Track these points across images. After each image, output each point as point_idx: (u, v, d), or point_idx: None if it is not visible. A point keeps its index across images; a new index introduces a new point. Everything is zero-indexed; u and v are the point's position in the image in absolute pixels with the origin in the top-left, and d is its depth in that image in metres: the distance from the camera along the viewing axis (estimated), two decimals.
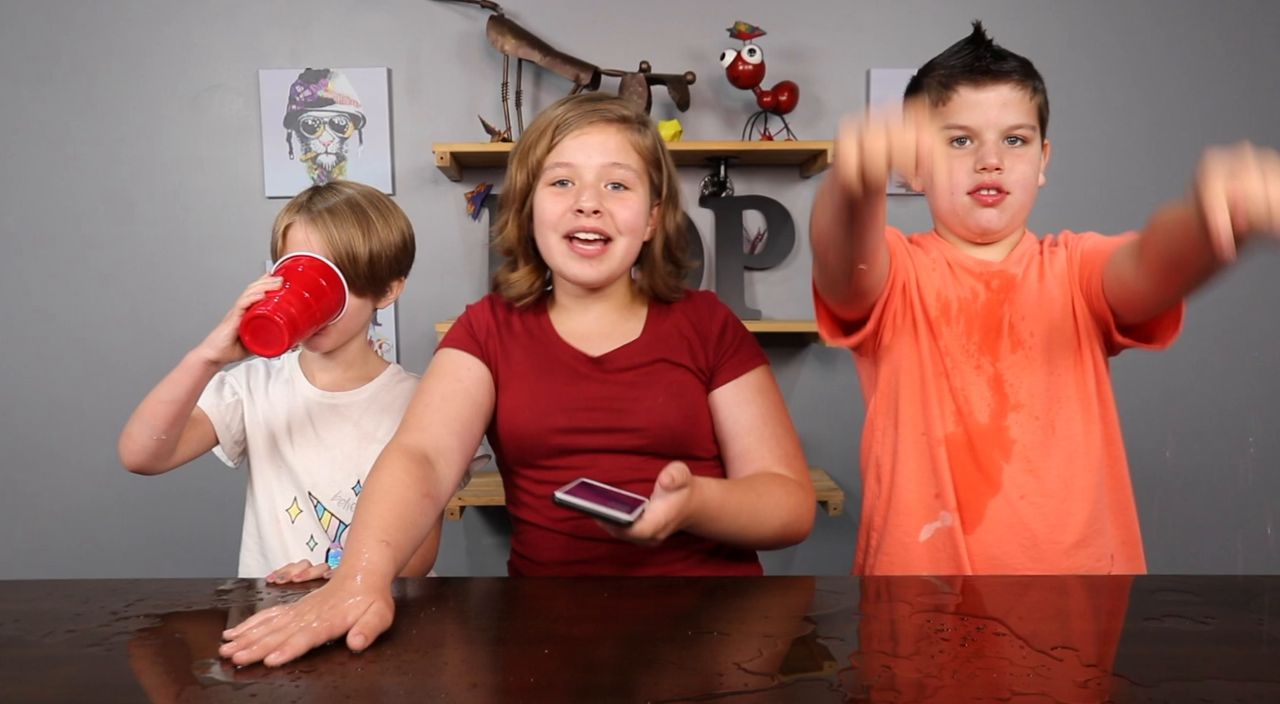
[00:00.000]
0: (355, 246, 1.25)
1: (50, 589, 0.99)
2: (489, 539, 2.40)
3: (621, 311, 1.25)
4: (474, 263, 2.33)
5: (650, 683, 0.74)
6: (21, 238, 2.30)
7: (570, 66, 2.18)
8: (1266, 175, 0.77)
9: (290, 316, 1.12)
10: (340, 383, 1.33)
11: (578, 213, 1.14)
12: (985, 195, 1.19)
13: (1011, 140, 1.19)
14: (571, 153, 1.16)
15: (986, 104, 1.18)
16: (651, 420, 1.17)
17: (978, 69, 1.19)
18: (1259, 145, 2.47)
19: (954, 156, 1.19)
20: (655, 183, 1.21)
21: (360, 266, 1.25)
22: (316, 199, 1.28)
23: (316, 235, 1.24)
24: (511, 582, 1.20)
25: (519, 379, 1.21)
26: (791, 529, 1.16)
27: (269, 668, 0.76)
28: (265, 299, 1.14)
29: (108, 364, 2.31)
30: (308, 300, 1.16)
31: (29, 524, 2.36)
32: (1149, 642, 0.84)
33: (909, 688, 0.73)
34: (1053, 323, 1.19)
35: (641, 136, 1.19)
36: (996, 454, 1.18)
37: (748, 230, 2.34)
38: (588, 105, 1.18)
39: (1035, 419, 1.18)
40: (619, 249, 1.18)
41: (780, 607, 0.99)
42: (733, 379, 1.21)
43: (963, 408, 1.19)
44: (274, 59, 2.30)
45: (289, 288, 1.15)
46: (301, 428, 1.31)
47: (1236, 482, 2.42)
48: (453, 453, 1.12)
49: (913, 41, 2.33)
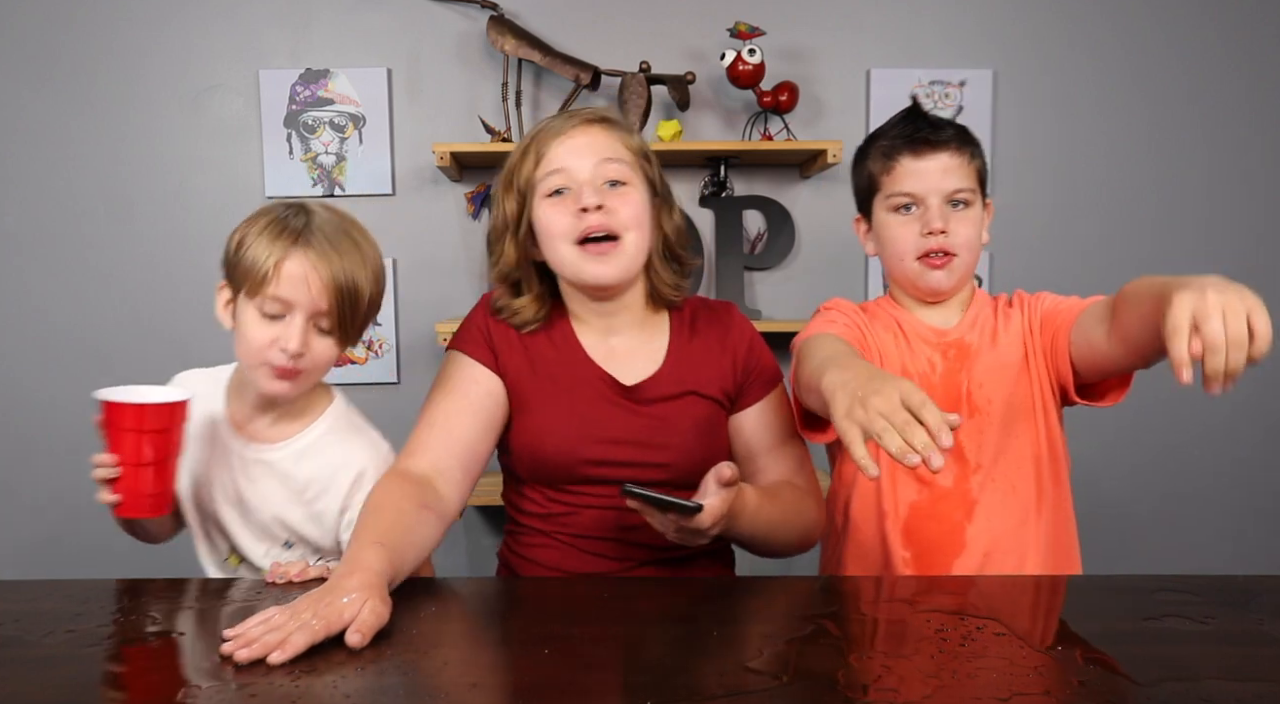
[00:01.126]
0: (358, 282, 1.09)
1: (50, 589, 0.99)
2: (489, 539, 2.40)
3: (642, 322, 1.23)
4: (474, 263, 2.33)
5: (650, 683, 0.74)
6: (21, 238, 2.30)
7: (570, 66, 2.18)
8: (1228, 322, 0.80)
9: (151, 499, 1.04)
10: (274, 434, 1.17)
11: (582, 212, 1.12)
12: (933, 258, 1.24)
13: (954, 204, 1.24)
14: (562, 158, 1.13)
15: (928, 171, 1.23)
16: (679, 456, 1.17)
17: (917, 139, 1.24)
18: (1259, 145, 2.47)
19: (901, 224, 1.25)
20: (650, 177, 1.19)
21: (360, 307, 1.11)
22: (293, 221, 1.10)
23: (315, 269, 1.07)
24: (511, 582, 1.20)
25: (546, 400, 1.18)
26: (808, 538, 1.19)
27: (269, 667, 0.76)
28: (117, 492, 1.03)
29: (108, 364, 2.31)
30: (156, 467, 1.03)
31: (28, 524, 2.36)
32: (1149, 642, 0.84)
33: (909, 688, 0.73)
34: (1009, 387, 1.24)
35: (627, 134, 1.18)
36: (960, 515, 1.22)
37: (748, 230, 2.34)
38: (564, 113, 1.18)
39: (994, 480, 1.23)
40: (630, 243, 1.14)
41: (780, 607, 0.99)
42: (755, 402, 1.23)
43: (925, 475, 1.22)
44: (274, 59, 2.30)
45: (128, 469, 1.02)
46: (223, 485, 1.17)
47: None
48: (453, 473, 1.12)
49: (913, 41, 2.33)
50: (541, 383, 1.19)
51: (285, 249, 1.07)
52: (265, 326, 1.08)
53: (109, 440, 1.03)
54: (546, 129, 1.16)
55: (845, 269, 2.35)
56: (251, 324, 1.09)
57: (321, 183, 2.30)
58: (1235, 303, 0.81)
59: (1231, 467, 2.41)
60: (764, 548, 1.16)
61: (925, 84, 2.32)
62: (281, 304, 1.07)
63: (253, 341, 1.08)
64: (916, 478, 1.23)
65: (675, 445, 1.17)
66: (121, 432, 1.02)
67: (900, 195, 1.24)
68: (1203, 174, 2.38)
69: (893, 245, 1.26)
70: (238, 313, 1.10)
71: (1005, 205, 2.27)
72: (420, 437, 1.14)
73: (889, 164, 1.25)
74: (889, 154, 1.25)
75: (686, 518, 0.99)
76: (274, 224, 1.10)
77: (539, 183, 1.14)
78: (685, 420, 1.18)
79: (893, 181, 1.25)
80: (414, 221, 2.32)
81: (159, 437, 1.03)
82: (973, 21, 2.34)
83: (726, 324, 1.25)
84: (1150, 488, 2.41)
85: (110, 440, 1.03)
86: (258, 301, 1.08)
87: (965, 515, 1.22)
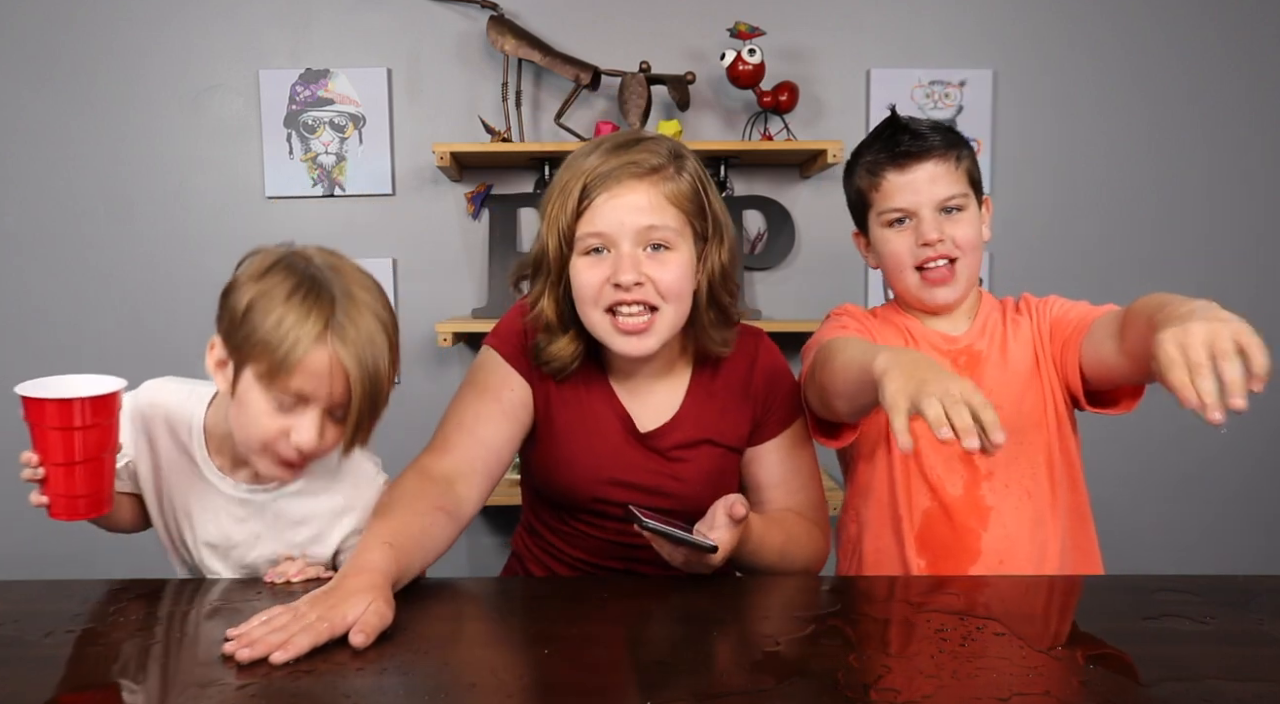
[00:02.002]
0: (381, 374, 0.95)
1: (50, 589, 0.99)
2: (489, 539, 2.40)
3: (671, 365, 1.19)
4: (474, 263, 2.33)
5: (650, 683, 0.74)
6: (21, 238, 2.30)
7: (570, 66, 2.18)
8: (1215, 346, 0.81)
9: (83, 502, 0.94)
10: (261, 478, 1.06)
11: (616, 287, 1.05)
12: (934, 273, 1.22)
13: (948, 210, 1.21)
14: (603, 219, 1.05)
15: (915, 183, 1.21)
16: (686, 503, 1.14)
17: (900, 152, 1.21)
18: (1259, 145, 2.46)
19: (896, 237, 1.23)
20: (699, 230, 1.10)
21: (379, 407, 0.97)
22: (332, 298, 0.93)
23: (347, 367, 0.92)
24: (511, 582, 1.20)
25: (566, 431, 1.16)
26: (807, 567, 1.17)
27: (271, 667, 0.76)
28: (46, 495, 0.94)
29: (107, 364, 2.29)
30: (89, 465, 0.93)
31: (27, 525, 2.36)
32: (1149, 642, 0.84)
33: (909, 688, 0.73)
34: (1019, 393, 1.22)
35: (677, 184, 1.07)
36: (974, 522, 1.21)
37: (748, 230, 2.34)
38: (617, 158, 1.06)
39: (1007, 486, 1.21)
40: (666, 319, 1.08)
41: (780, 607, 0.99)
42: (773, 437, 1.20)
43: (935, 483, 1.22)
44: (274, 59, 2.30)
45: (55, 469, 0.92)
46: (208, 522, 1.08)
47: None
48: (475, 476, 1.10)
49: (913, 41, 2.33)
50: (564, 410, 1.17)
51: (315, 336, 0.91)
52: (275, 416, 0.95)
53: (34, 439, 0.92)
54: (595, 174, 1.05)
55: (845, 269, 2.35)
56: (260, 411, 0.95)
57: (321, 183, 2.30)
58: (1221, 330, 0.81)
59: (1232, 466, 2.42)
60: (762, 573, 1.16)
61: (925, 84, 2.32)
62: (298, 399, 0.94)
63: (260, 429, 0.95)
64: (929, 485, 1.22)
65: (686, 494, 1.16)
66: (46, 429, 0.91)
67: (892, 211, 1.22)
68: (1203, 174, 2.38)
69: (891, 259, 1.25)
70: (240, 388, 0.95)
71: (1005, 205, 2.27)
72: (448, 434, 1.12)
73: (875, 180, 1.23)
74: (873, 170, 1.23)
75: (697, 553, 0.98)
76: (300, 298, 0.93)
77: (579, 239, 1.07)
78: (698, 469, 1.17)
79: (882, 197, 1.23)
80: (414, 221, 2.32)
81: (89, 433, 0.91)
82: (973, 21, 2.34)
83: (753, 359, 1.20)
84: (1150, 488, 2.41)
85: (36, 439, 0.92)
86: (272, 390, 0.93)
87: (979, 523, 1.21)
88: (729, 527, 0.99)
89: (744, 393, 1.19)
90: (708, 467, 1.17)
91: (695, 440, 1.17)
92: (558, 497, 1.19)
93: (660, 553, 1.01)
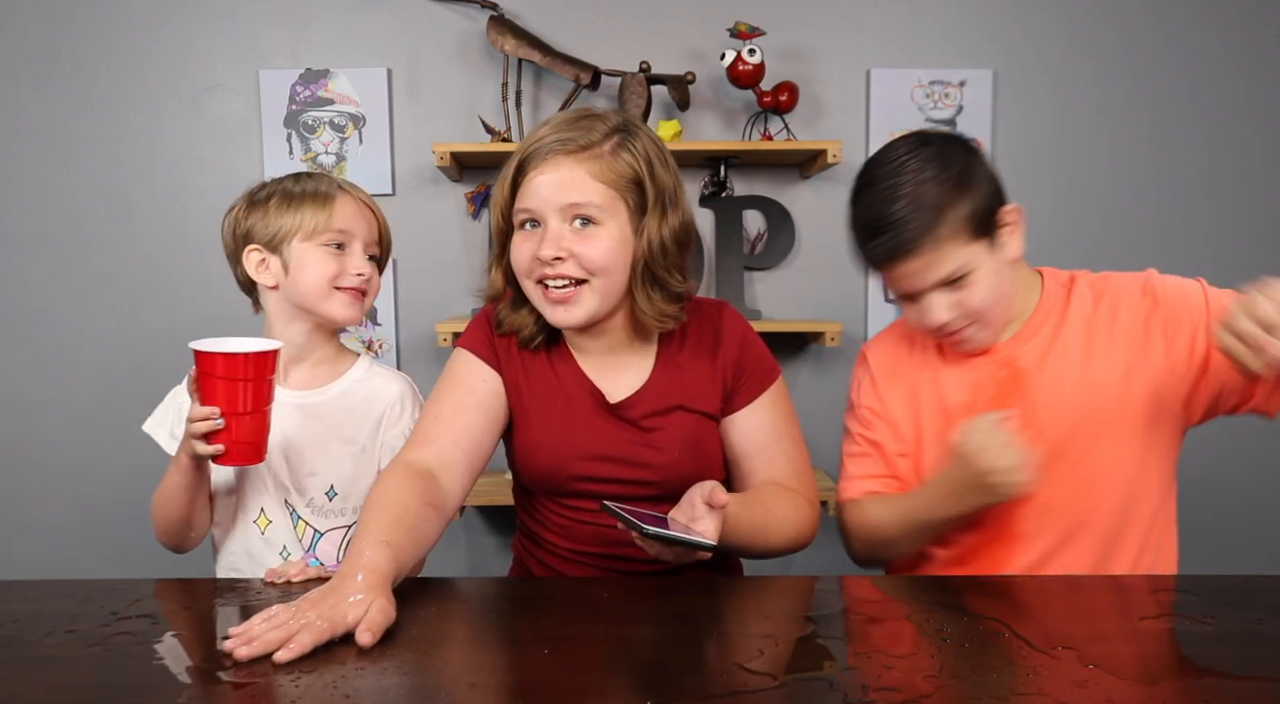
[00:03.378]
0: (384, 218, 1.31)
1: (50, 589, 0.99)
2: (489, 539, 2.40)
3: (630, 338, 1.19)
4: (474, 263, 2.33)
5: (650, 683, 0.74)
6: (21, 238, 2.30)
7: (570, 66, 2.18)
8: None
9: (252, 447, 1.08)
10: (309, 381, 1.28)
11: (540, 260, 1.09)
12: (954, 339, 1.18)
13: (949, 285, 1.14)
14: (532, 195, 1.09)
15: (910, 277, 1.14)
16: (667, 473, 1.15)
17: (888, 259, 1.13)
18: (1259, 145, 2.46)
19: (912, 311, 1.18)
20: (633, 205, 1.11)
21: (388, 243, 1.31)
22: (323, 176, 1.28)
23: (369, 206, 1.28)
24: (511, 582, 1.20)
25: (538, 412, 1.18)
26: (796, 543, 1.17)
27: (272, 666, 0.76)
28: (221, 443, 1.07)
29: (107, 364, 2.31)
30: (255, 413, 1.07)
31: (27, 526, 2.36)
32: (1149, 642, 0.84)
33: (909, 688, 0.73)
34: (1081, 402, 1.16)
35: (613, 160, 1.09)
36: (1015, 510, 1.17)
37: (748, 230, 2.35)
38: (555, 133, 1.10)
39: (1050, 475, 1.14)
40: (591, 293, 1.10)
41: (780, 607, 0.99)
42: (747, 404, 1.20)
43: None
44: (274, 59, 2.30)
45: (232, 418, 1.06)
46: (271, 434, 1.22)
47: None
48: (458, 467, 1.12)
49: (913, 41, 2.33)
50: (534, 392, 1.19)
51: (332, 191, 1.24)
52: (330, 260, 1.22)
53: (205, 391, 1.06)
54: (529, 150, 1.10)
55: (845, 269, 2.35)
56: (316, 261, 1.22)
57: None
58: None
59: (1232, 465, 2.41)
60: (745, 553, 1.16)
61: (925, 84, 2.32)
62: (344, 235, 1.23)
63: (321, 275, 1.22)
64: None
65: (662, 463, 1.16)
66: (218, 380, 1.05)
67: (901, 297, 1.19)
68: (1203, 174, 2.38)
69: (917, 324, 1.20)
70: (293, 259, 1.22)
71: None
72: (427, 427, 1.15)
73: (877, 271, 1.18)
74: (872, 265, 1.17)
75: (691, 552, 0.98)
76: (307, 177, 1.26)
77: (515, 214, 1.13)
78: (672, 436, 1.17)
79: (889, 281, 1.18)
80: (414, 221, 2.32)
81: (255, 385, 1.07)
82: (973, 21, 2.34)
83: (718, 329, 1.21)
84: None
85: (206, 391, 1.06)
86: (318, 239, 1.22)
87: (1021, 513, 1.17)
88: (710, 514, 0.99)
89: (711, 362, 1.19)
90: (683, 433, 1.17)
91: (666, 408, 1.17)
92: (540, 480, 1.19)
93: (648, 552, 1.00)
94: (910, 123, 2.31)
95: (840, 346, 2.22)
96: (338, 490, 1.26)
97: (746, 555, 1.18)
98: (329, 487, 1.26)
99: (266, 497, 1.25)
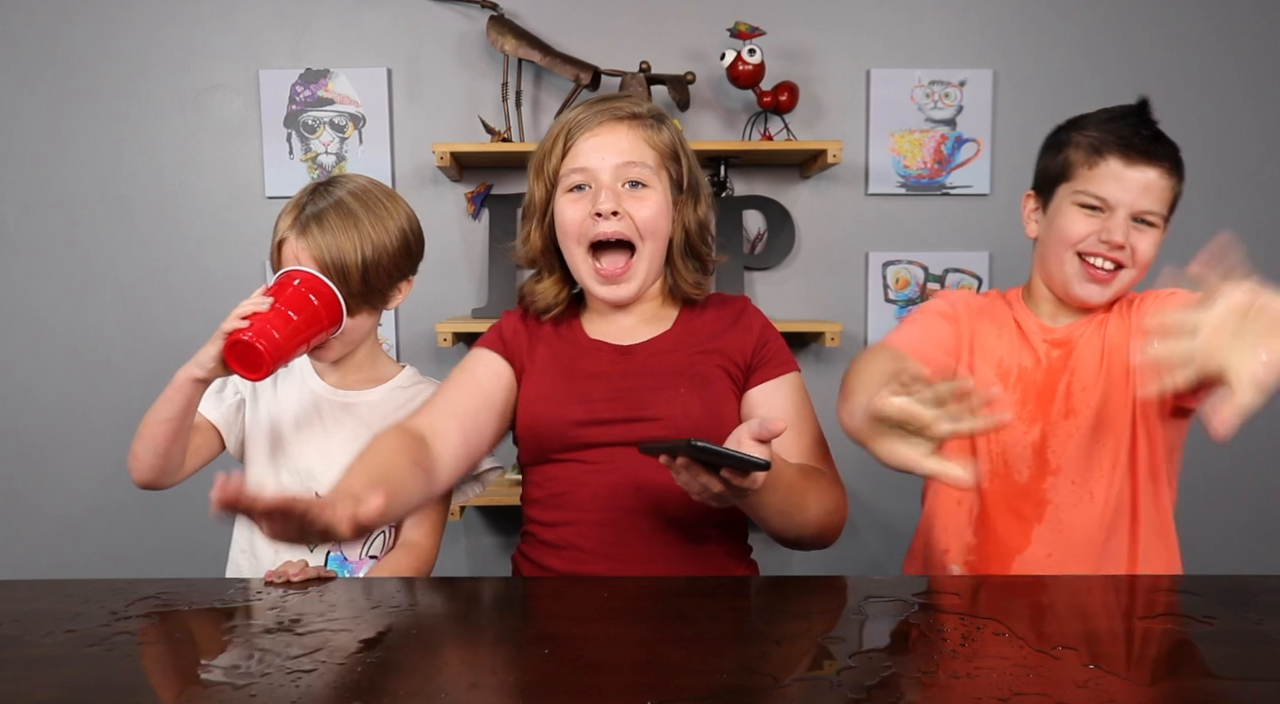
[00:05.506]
0: (345, 258, 1.18)
1: (50, 589, 0.99)
2: (489, 539, 2.40)
3: (653, 314, 1.24)
4: (474, 263, 2.33)
5: (650, 683, 0.74)
6: (21, 238, 2.30)
7: (570, 66, 2.18)
8: None
9: (273, 342, 1.08)
10: (348, 384, 1.30)
11: (596, 216, 1.12)
12: (1097, 270, 1.17)
13: (1140, 220, 1.17)
14: (585, 156, 1.14)
15: (1131, 182, 1.16)
16: (672, 410, 1.13)
17: (1134, 146, 1.16)
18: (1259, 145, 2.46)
19: (1083, 220, 1.17)
20: (674, 177, 1.19)
21: (352, 280, 1.19)
22: (308, 205, 1.22)
23: (304, 250, 1.18)
24: (511, 582, 1.20)
25: (541, 373, 1.20)
26: (829, 523, 1.11)
27: (270, 666, 0.76)
28: (251, 322, 1.09)
29: (107, 364, 2.31)
30: (295, 323, 1.10)
31: (27, 526, 2.36)
32: (1149, 642, 0.84)
33: (909, 688, 0.73)
34: (1110, 391, 1.18)
35: (656, 132, 1.17)
36: (1029, 513, 1.19)
37: (748, 230, 2.35)
38: (599, 106, 1.17)
39: (1072, 483, 1.18)
40: (643, 263, 1.16)
41: (780, 607, 0.99)
42: (769, 380, 1.19)
43: (999, 469, 1.20)
44: (274, 59, 2.30)
45: (275, 309, 1.10)
46: (309, 424, 1.28)
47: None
48: (450, 435, 1.12)
49: (913, 41, 2.33)
50: (539, 361, 1.21)
51: (285, 231, 1.21)
52: None
53: (275, 291, 1.12)
54: (577, 121, 1.16)
55: (845, 269, 2.35)
56: None
57: (323, 178, 2.30)
58: None
59: (1232, 465, 2.41)
60: (786, 526, 1.06)
61: (925, 84, 2.32)
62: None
63: None
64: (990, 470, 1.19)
65: (666, 400, 1.13)
66: (288, 286, 1.12)
67: (1092, 196, 1.17)
68: (1202, 174, 2.37)
69: (1063, 232, 1.18)
70: None
71: (1006, 205, 2.27)
72: (425, 403, 1.19)
73: (1094, 159, 1.17)
74: (1098, 149, 1.17)
75: (740, 475, 0.89)
76: (291, 201, 1.25)
77: (563, 176, 1.16)
78: (679, 375, 1.15)
79: (1090, 179, 1.17)
80: None
81: (312, 310, 1.12)
82: (973, 21, 2.34)
83: (742, 311, 1.24)
84: None
85: (275, 291, 1.12)
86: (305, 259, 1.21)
87: (1036, 515, 1.18)
88: (759, 450, 0.89)
89: (734, 323, 1.21)
90: (691, 376, 1.15)
91: (676, 350, 1.18)
92: (543, 436, 1.17)
93: (690, 490, 0.93)
94: (910, 123, 2.32)
95: (840, 346, 2.22)
96: None
97: (779, 527, 1.06)
98: None
99: (297, 486, 1.25)
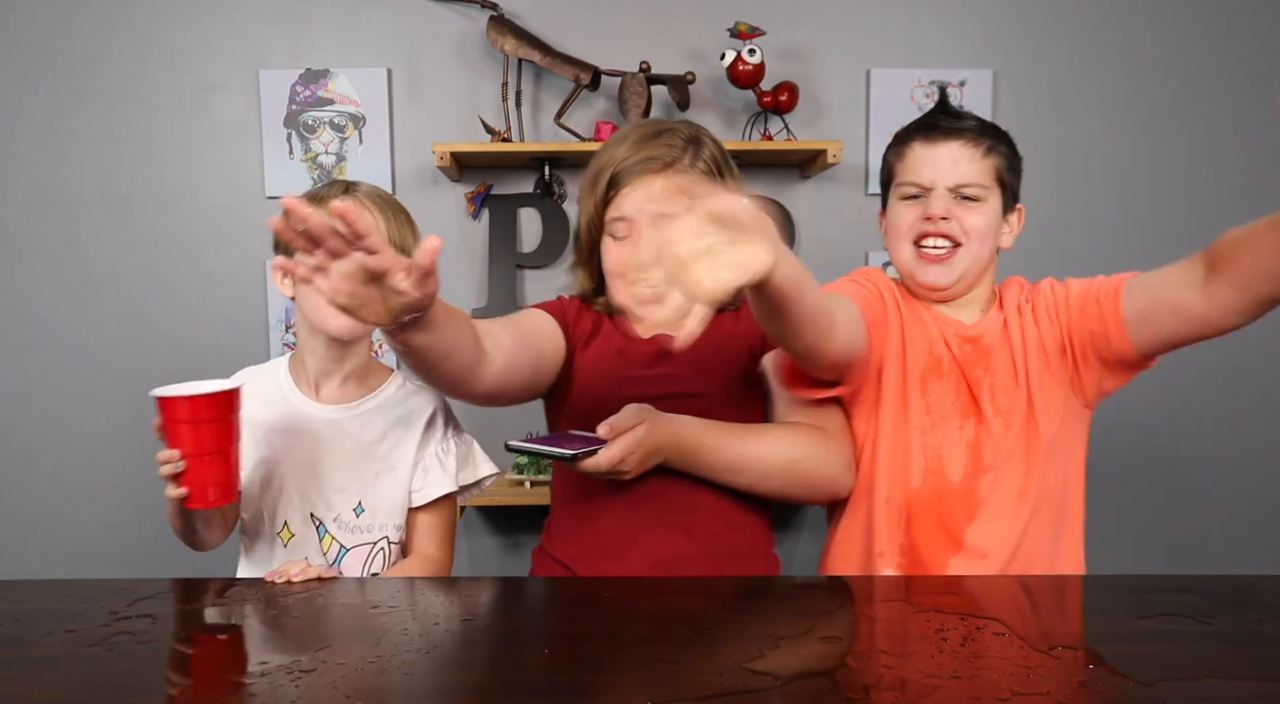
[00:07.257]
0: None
1: (50, 589, 0.99)
2: (489, 539, 2.40)
3: None
4: (474, 263, 2.33)
5: (650, 683, 0.74)
6: (21, 238, 2.30)
7: (570, 66, 2.18)
8: None
9: (217, 486, 1.07)
10: (339, 396, 1.27)
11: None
12: (931, 251, 1.21)
13: (964, 197, 1.20)
14: (626, 206, 1.19)
15: (937, 159, 1.20)
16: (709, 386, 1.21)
17: (931, 126, 1.21)
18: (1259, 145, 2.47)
19: (906, 210, 1.22)
20: None
21: None
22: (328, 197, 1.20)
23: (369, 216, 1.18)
24: (511, 582, 1.20)
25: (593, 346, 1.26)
26: (802, 468, 1.18)
27: (270, 665, 0.76)
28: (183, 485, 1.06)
29: (107, 365, 2.31)
30: (215, 455, 1.07)
31: (26, 525, 2.36)
32: (1149, 642, 0.84)
33: (909, 688, 0.73)
34: (1030, 387, 1.21)
35: (691, 173, 1.20)
36: (962, 514, 1.20)
37: None
38: (638, 153, 1.19)
39: (1000, 482, 1.20)
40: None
41: (780, 607, 0.99)
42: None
43: (934, 465, 1.21)
44: (274, 59, 2.30)
45: (191, 461, 1.06)
46: (300, 447, 1.25)
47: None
48: (500, 338, 1.10)
49: (913, 41, 2.33)
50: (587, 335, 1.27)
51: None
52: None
53: (169, 435, 1.06)
54: (620, 167, 1.19)
55: (845, 269, 2.33)
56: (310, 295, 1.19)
57: (322, 183, 2.30)
58: None
59: (1232, 465, 2.42)
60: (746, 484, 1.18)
61: (925, 84, 2.32)
62: None
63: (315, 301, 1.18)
64: (925, 468, 1.21)
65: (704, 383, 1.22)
66: (179, 424, 1.06)
67: (909, 184, 1.22)
68: (1202, 173, 2.38)
69: (893, 230, 1.24)
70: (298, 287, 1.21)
71: None
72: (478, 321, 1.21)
73: (902, 150, 1.23)
74: (904, 140, 1.24)
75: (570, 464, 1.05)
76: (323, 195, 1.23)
77: (607, 223, 1.22)
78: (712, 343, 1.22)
79: (904, 169, 1.23)
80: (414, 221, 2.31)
81: (216, 426, 1.07)
82: (973, 21, 2.34)
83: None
84: (1150, 486, 2.42)
85: (170, 435, 1.06)
86: None
87: (968, 515, 1.20)
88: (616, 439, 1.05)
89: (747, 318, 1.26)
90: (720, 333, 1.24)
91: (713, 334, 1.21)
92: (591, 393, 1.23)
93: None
94: None
95: None
96: (365, 507, 1.25)
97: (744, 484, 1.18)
98: (357, 503, 1.26)
99: (291, 510, 1.25)
